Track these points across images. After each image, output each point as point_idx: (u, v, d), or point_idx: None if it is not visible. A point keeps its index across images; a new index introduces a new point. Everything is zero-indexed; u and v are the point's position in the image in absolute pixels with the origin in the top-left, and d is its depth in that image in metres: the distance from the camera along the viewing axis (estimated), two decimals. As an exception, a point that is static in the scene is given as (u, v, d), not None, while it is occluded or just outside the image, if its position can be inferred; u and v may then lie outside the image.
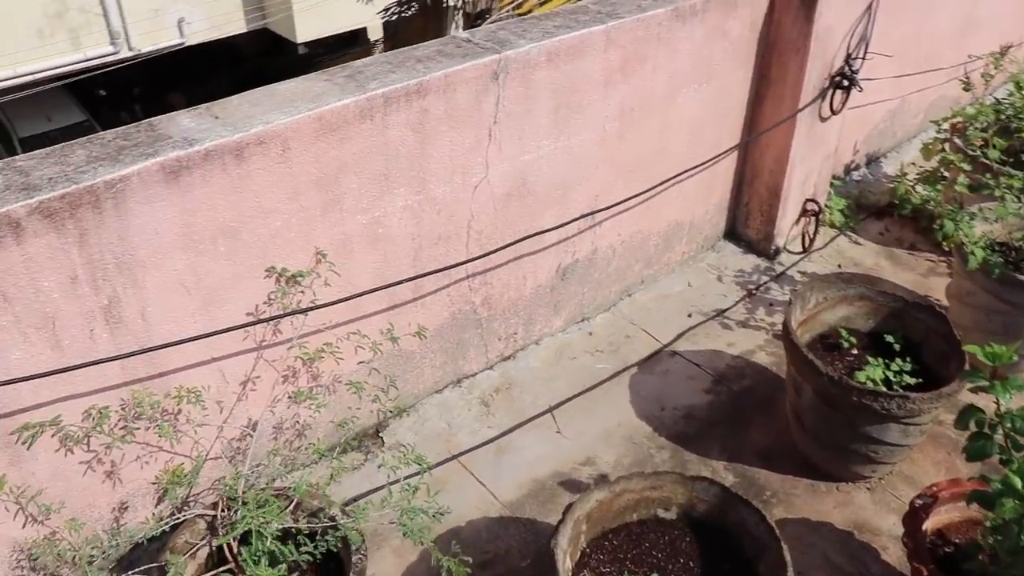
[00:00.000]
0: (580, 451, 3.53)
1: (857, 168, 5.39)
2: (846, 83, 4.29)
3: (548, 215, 3.60)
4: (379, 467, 3.21)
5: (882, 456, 3.31)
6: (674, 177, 3.99)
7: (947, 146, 4.68)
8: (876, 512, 3.32)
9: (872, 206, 5.11)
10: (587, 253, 3.90)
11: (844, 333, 3.60)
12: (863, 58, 4.29)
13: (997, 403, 2.47)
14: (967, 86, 4.50)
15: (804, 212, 4.60)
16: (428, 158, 3.10)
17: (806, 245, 4.64)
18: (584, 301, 4.05)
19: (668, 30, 3.65)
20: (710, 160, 4.19)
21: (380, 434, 3.51)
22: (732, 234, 4.70)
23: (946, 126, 4.72)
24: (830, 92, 4.26)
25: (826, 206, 4.81)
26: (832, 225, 4.84)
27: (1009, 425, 2.47)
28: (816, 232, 4.68)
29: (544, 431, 3.61)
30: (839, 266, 4.63)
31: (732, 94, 4.14)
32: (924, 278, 4.58)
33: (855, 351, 3.59)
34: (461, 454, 3.48)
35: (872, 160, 5.47)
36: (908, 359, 3.43)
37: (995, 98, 4.69)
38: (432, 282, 3.36)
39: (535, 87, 3.29)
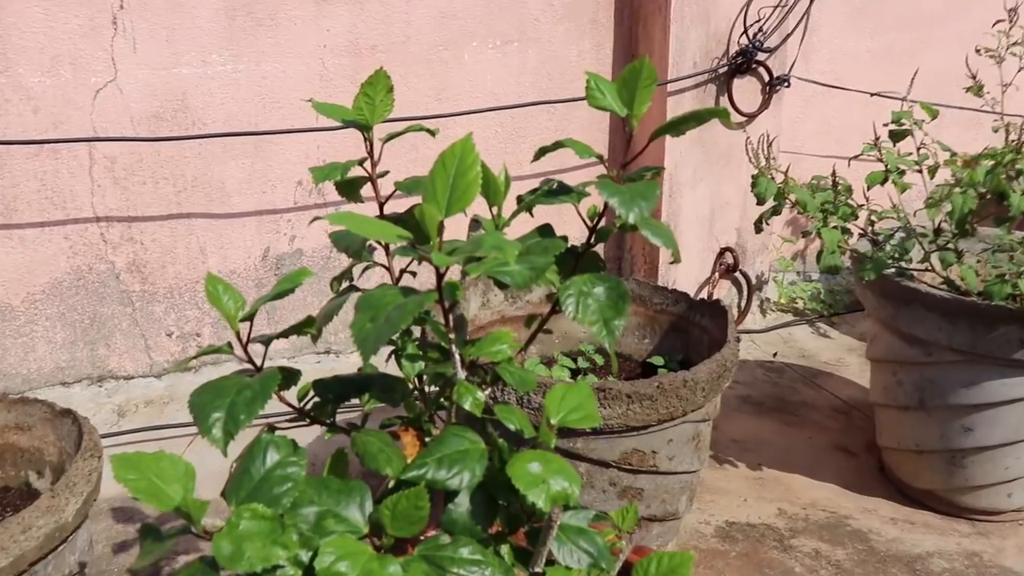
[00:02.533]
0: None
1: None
2: (765, 73, 3.06)
3: (233, 166, 2.73)
4: None
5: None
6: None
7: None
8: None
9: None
10: (319, 245, 2.88)
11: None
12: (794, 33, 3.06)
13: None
14: (977, 89, 2.92)
15: (720, 266, 3.18)
16: (8, 28, 2.45)
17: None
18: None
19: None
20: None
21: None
22: (613, 289, 3.34)
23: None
24: (726, 81, 3.03)
25: (781, 283, 3.31)
26: (793, 310, 3.32)
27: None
28: (748, 302, 3.21)
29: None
30: (774, 354, 3.08)
31: (572, 71, 3.06)
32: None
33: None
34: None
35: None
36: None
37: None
38: (34, 209, 2.58)
39: (189, -30, 2.58)
